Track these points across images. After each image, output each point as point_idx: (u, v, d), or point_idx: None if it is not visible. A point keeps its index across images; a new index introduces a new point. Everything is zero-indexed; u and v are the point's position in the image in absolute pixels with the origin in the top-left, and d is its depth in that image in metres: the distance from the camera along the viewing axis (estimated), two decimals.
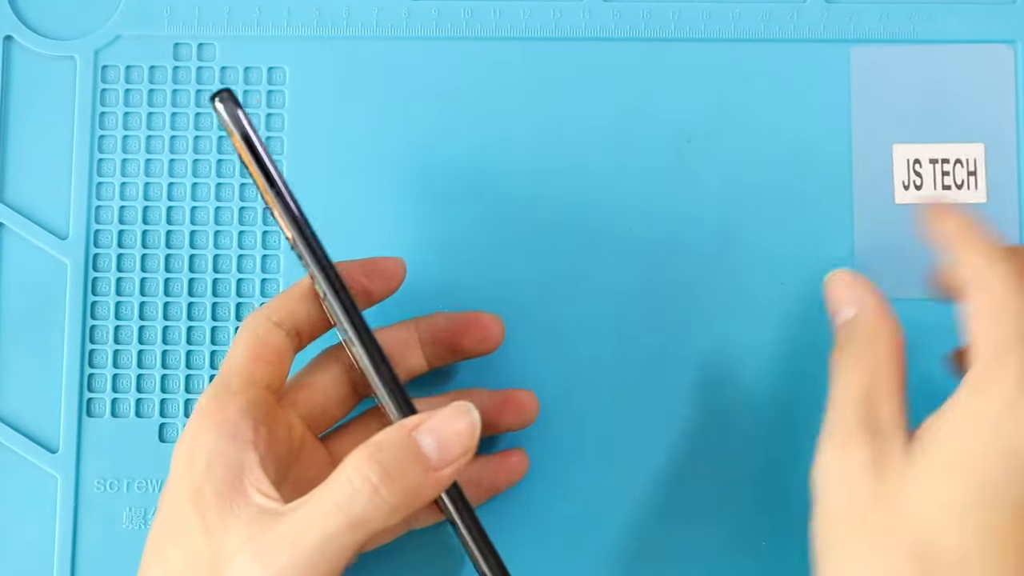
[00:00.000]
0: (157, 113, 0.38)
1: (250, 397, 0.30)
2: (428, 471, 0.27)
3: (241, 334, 0.31)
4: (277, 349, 0.31)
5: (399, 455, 0.26)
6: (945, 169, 0.34)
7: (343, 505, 0.26)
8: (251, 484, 0.28)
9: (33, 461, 0.36)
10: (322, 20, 0.38)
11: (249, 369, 0.30)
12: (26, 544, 0.36)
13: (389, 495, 0.26)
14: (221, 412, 0.29)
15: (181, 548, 0.28)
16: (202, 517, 0.27)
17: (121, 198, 0.37)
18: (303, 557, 0.26)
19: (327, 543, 0.26)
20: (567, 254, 0.37)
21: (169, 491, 0.29)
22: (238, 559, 0.26)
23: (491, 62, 0.38)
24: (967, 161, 0.34)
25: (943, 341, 0.34)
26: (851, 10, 0.38)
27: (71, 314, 0.37)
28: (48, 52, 0.38)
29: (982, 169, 0.33)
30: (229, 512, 0.27)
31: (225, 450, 0.28)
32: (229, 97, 0.29)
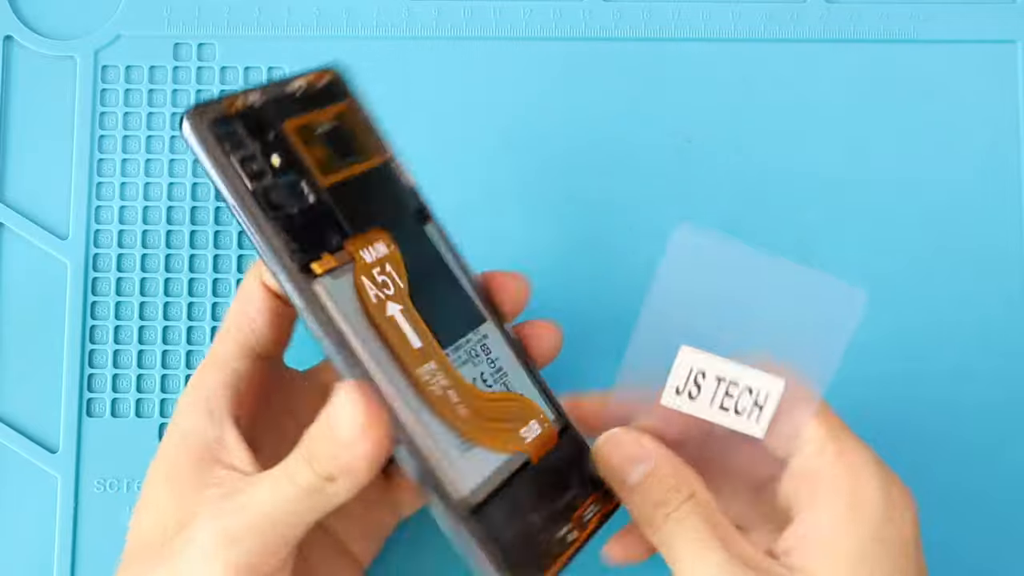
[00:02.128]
0: (157, 113, 0.38)
1: (235, 368, 0.30)
2: (345, 448, 0.26)
3: (240, 296, 0.30)
4: (274, 308, 0.30)
5: (316, 435, 0.26)
6: (730, 391, 0.28)
7: (290, 475, 0.26)
8: (224, 457, 0.28)
9: (33, 461, 0.36)
10: (322, 20, 0.38)
11: (241, 337, 0.30)
12: (26, 544, 0.36)
13: (319, 468, 0.26)
14: (200, 389, 0.29)
15: (154, 522, 0.28)
16: (176, 490, 0.28)
17: (121, 198, 0.37)
18: (255, 518, 0.26)
19: (276, 508, 0.26)
20: (567, 254, 0.37)
21: (152, 466, 0.30)
22: (198, 520, 0.27)
23: (491, 62, 0.38)
24: (758, 393, 0.28)
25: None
26: (851, 10, 0.38)
27: (71, 314, 0.37)
28: (48, 52, 0.38)
29: (772, 405, 0.28)
30: (201, 487, 0.28)
31: (199, 427, 0.29)
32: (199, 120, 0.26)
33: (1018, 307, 0.37)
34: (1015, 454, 0.36)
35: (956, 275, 0.37)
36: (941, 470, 0.36)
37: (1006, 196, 0.38)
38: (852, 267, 0.37)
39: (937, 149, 0.38)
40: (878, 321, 0.37)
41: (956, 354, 0.37)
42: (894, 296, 0.37)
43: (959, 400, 0.37)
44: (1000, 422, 0.37)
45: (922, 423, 0.37)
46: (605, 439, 0.29)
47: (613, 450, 0.28)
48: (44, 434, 0.36)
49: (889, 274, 0.37)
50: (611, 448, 0.29)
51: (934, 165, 0.38)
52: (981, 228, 0.37)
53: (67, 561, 0.36)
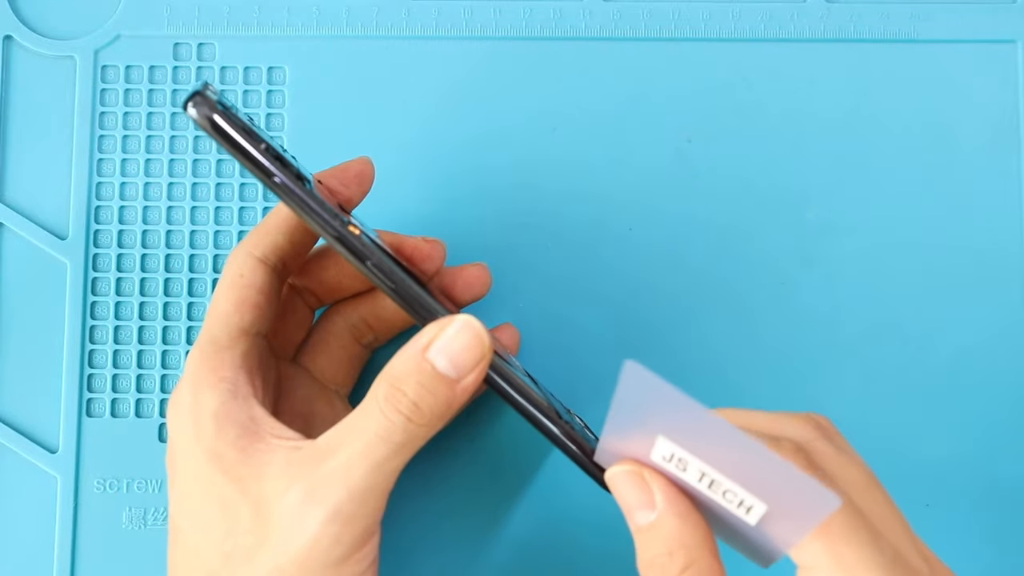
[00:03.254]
0: (157, 113, 0.38)
1: (241, 349, 0.30)
2: (451, 387, 0.27)
3: (225, 276, 0.30)
4: (263, 290, 0.30)
5: (421, 383, 0.27)
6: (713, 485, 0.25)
7: (384, 436, 0.26)
8: (268, 433, 0.28)
9: (33, 461, 0.36)
10: (322, 20, 0.38)
11: (236, 319, 0.30)
12: (26, 544, 0.36)
13: (422, 419, 0.27)
14: (216, 371, 0.29)
15: (214, 507, 0.28)
16: (229, 474, 0.27)
17: (121, 198, 0.37)
18: (359, 488, 0.26)
19: (377, 471, 0.27)
20: (567, 254, 0.37)
21: (181, 461, 0.29)
22: (288, 499, 0.27)
23: (491, 62, 0.38)
24: (743, 499, 0.25)
25: None
26: (851, 10, 0.38)
27: (71, 314, 0.37)
28: (48, 52, 0.38)
29: (757, 515, 0.24)
30: (259, 460, 0.27)
31: (230, 410, 0.28)
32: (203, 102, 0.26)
33: (1018, 307, 0.37)
34: (1015, 453, 0.36)
35: (956, 275, 0.37)
36: (941, 468, 0.36)
37: (1006, 196, 0.38)
38: (852, 267, 0.37)
39: (937, 149, 0.38)
40: (878, 321, 0.37)
41: (956, 354, 0.37)
42: (894, 296, 0.37)
43: (959, 399, 0.37)
44: (1000, 420, 0.37)
45: (922, 422, 0.37)
46: (616, 472, 0.27)
47: (621, 485, 0.27)
48: (44, 434, 0.36)
49: (889, 274, 0.37)
50: (619, 483, 0.27)
51: (934, 165, 0.38)
52: (981, 228, 0.37)
53: (67, 561, 0.36)
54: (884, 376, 0.37)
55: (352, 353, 0.34)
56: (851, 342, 0.37)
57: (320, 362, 0.33)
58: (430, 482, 0.36)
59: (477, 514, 0.36)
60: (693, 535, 0.26)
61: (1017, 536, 0.36)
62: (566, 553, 0.36)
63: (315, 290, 0.33)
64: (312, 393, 0.33)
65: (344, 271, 0.33)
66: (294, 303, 0.33)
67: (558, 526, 0.36)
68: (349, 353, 0.34)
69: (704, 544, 0.26)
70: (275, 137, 0.38)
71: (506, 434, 0.36)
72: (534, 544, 0.36)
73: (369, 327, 0.34)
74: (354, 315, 0.34)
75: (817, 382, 0.37)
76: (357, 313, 0.34)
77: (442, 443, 0.35)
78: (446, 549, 0.36)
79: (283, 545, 0.27)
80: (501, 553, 0.36)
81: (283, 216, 0.31)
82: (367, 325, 0.34)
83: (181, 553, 0.29)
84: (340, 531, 0.27)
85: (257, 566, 0.27)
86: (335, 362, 0.34)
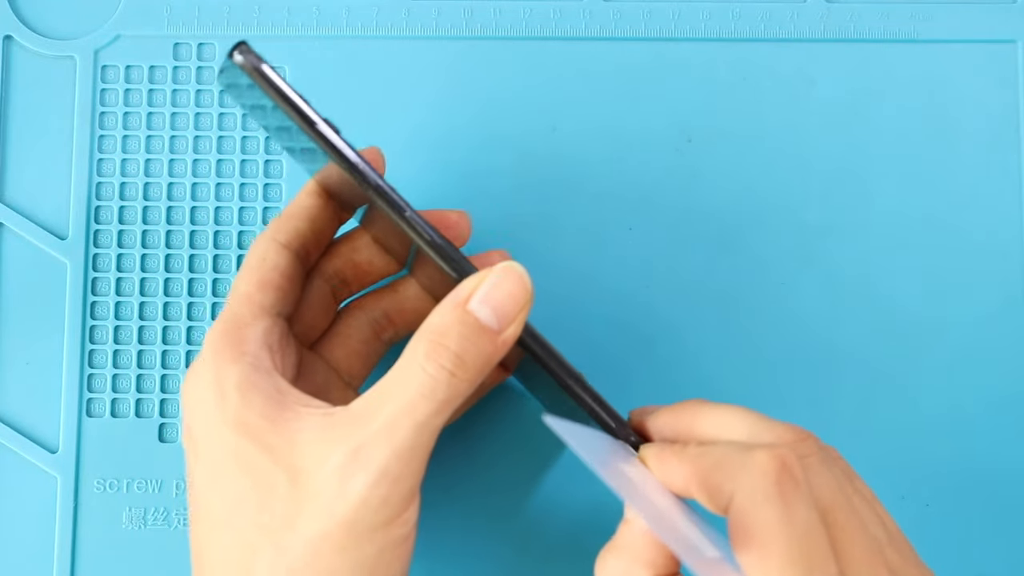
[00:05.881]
0: (157, 113, 0.38)
1: (263, 326, 0.29)
2: (493, 339, 0.27)
3: (248, 260, 0.30)
4: (286, 273, 0.30)
5: (463, 335, 0.27)
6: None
7: (427, 393, 0.26)
8: (294, 402, 0.28)
9: (33, 461, 0.36)
10: (322, 20, 0.38)
11: (258, 297, 0.30)
12: (26, 544, 0.36)
13: (465, 372, 0.27)
14: (239, 346, 0.29)
15: (245, 479, 0.27)
16: (259, 443, 0.27)
17: (121, 198, 0.37)
18: (404, 446, 0.26)
19: (422, 430, 0.27)
20: (567, 253, 0.37)
21: (204, 436, 0.28)
22: (330, 464, 0.26)
23: (491, 62, 0.38)
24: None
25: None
26: (851, 10, 0.38)
27: (71, 314, 0.37)
28: (48, 52, 0.38)
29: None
30: (289, 428, 0.27)
31: (256, 380, 0.28)
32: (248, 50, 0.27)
33: (1018, 306, 0.37)
34: (1015, 453, 0.36)
35: (956, 275, 0.37)
36: (940, 468, 0.36)
37: (1006, 196, 0.38)
38: (852, 267, 0.37)
39: (937, 149, 0.38)
40: (878, 321, 0.37)
41: (956, 353, 0.37)
42: (894, 296, 0.37)
43: (959, 398, 0.37)
44: (999, 420, 0.37)
45: (921, 421, 0.37)
46: (647, 450, 0.28)
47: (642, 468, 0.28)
48: (44, 434, 0.36)
49: (889, 274, 0.37)
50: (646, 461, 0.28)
51: (934, 165, 0.38)
52: (981, 228, 0.37)
53: (67, 561, 0.36)
54: (884, 376, 0.37)
55: (371, 348, 0.34)
56: (851, 342, 0.37)
57: (337, 353, 0.33)
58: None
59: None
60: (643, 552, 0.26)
61: (1017, 535, 0.36)
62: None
63: (345, 273, 0.33)
64: (328, 381, 0.33)
65: (375, 252, 0.33)
66: (321, 291, 0.33)
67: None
68: (368, 348, 0.34)
69: (644, 564, 0.26)
70: None
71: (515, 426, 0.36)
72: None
73: (391, 321, 0.34)
74: (377, 309, 0.34)
75: (817, 382, 0.37)
76: (380, 307, 0.34)
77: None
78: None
79: (328, 510, 0.26)
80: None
81: (305, 204, 0.31)
82: (388, 319, 0.34)
83: (209, 531, 0.28)
84: (388, 492, 0.26)
85: (299, 534, 0.27)
86: (352, 355, 0.34)
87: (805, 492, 0.25)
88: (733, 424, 0.28)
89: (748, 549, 0.24)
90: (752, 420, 0.28)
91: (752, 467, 0.25)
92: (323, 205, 0.31)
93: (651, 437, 0.30)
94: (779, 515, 0.24)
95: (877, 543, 0.26)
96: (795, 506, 0.24)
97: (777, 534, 0.24)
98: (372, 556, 0.27)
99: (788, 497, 0.24)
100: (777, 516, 0.24)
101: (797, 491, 0.24)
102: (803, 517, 0.24)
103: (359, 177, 0.28)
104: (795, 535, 0.24)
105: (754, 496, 0.24)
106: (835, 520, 0.25)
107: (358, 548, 0.27)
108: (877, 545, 0.26)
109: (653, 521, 0.24)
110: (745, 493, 0.25)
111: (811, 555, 0.24)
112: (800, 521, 0.24)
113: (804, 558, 0.24)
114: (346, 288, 0.34)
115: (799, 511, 0.24)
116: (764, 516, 0.24)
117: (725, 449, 0.26)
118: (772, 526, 0.24)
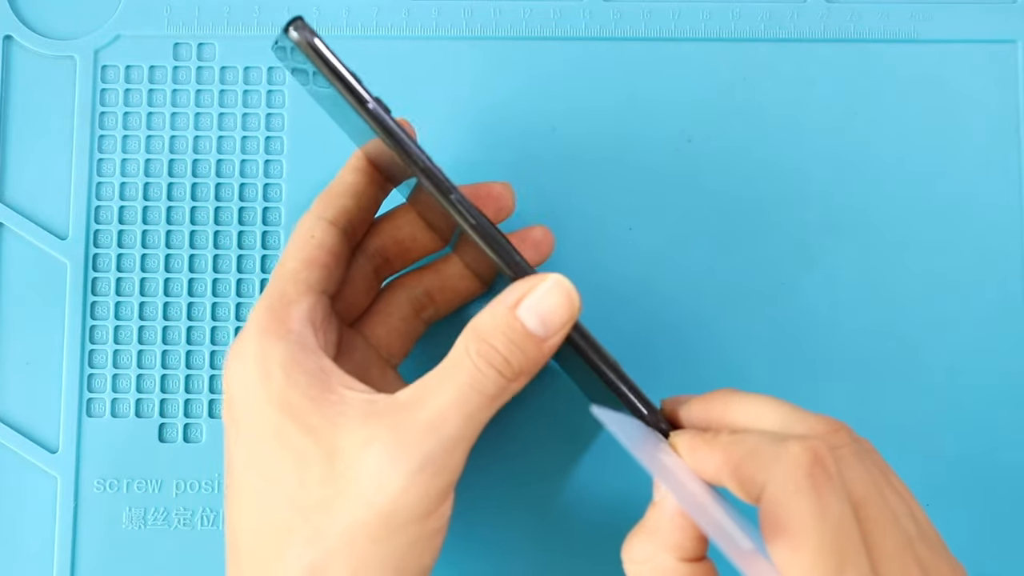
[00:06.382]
0: (157, 113, 0.38)
1: (308, 303, 0.29)
2: (539, 345, 0.28)
3: (295, 238, 0.31)
4: (333, 250, 0.31)
5: (512, 340, 0.27)
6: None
7: (478, 387, 0.27)
8: (338, 384, 0.28)
9: (33, 461, 0.36)
10: (321, 20, 0.38)
11: (304, 275, 0.30)
12: (26, 544, 0.36)
13: (512, 374, 0.27)
14: (284, 323, 0.29)
15: (285, 458, 0.27)
16: (301, 423, 0.27)
17: (121, 198, 0.37)
18: (451, 437, 0.27)
19: (469, 422, 0.27)
20: (567, 253, 0.37)
21: (246, 413, 0.28)
22: (372, 451, 0.27)
23: (491, 62, 0.38)
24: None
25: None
26: (851, 10, 0.38)
27: (71, 314, 0.37)
28: (48, 52, 0.38)
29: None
30: (332, 411, 0.27)
31: (300, 359, 0.28)
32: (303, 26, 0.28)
33: (1018, 306, 0.37)
34: (1015, 452, 0.36)
35: (956, 275, 0.37)
36: (940, 468, 0.36)
37: (1006, 195, 0.38)
38: (851, 266, 0.37)
39: (937, 149, 0.38)
40: (878, 321, 0.37)
41: (956, 353, 0.37)
42: (894, 296, 0.37)
43: (958, 398, 0.37)
44: (999, 419, 0.37)
45: (922, 422, 0.37)
46: (678, 437, 0.28)
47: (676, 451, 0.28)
48: (44, 434, 0.36)
49: (889, 274, 0.37)
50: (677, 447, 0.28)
51: (934, 165, 0.38)
52: (981, 228, 0.37)
53: (67, 561, 0.36)
54: (884, 376, 0.37)
55: (411, 326, 0.34)
56: (851, 342, 0.37)
57: (378, 331, 0.34)
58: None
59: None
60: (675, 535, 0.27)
61: (1017, 535, 0.36)
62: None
63: (388, 250, 0.33)
64: (367, 359, 0.33)
65: (418, 228, 0.33)
66: (364, 269, 0.33)
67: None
68: (408, 326, 0.34)
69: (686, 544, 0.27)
70: (275, 137, 0.38)
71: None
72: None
73: (431, 299, 0.34)
74: (418, 288, 0.34)
75: (817, 382, 0.37)
76: (421, 286, 0.34)
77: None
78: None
79: (365, 498, 0.26)
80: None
81: (349, 181, 0.32)
82: (429, 297, 0.34)
83: (247, 508, 0.28)
84: (429, 483, 0.26)
85: (336, 519, 0.27)
86: (393, 332, 0.34)
87: (838, 485, 0.25)
88: (765, 414, 0.28)
89: (779, 541, 0.24)
90: (785, 410, 0.28)
91: (785, 458, 0.25)
92: (367, 181, 0.32)
93: (682, 426, 0.30)
94: (812, 507, 0.24)
95: (908, 537, 0.26)
96: (828, 499, 0.24)
97: (809, 527, 0.24)
98: (404, 547, 0.27)
99: (821, 490, 0.24)
100: (810, 508, 0.24)
101: (830, 483, 0.24)
102: (836, 510, 0.24)
103: (409, 159, 0.28)
104: (827, 528, 0.24)
105: (787, 487, 0.24)
106: (867, 514, 0.25)
107: (392, 539, 0.27)
108: (907, 539, 0.26)
109: (691, 506, 0.25)
110: (778, 484, 0.25)
111: (843, 548, 0.24)
112: (833, 514, 0.24)
113: (836, 551, 0.24)
114: (388, 266, 0.34)
115: (832, 504, 0.24)
116: (797, 508, 0.24)
117: (758, 438, 0.26)
118: (805, 518, 0.24)
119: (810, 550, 0.24)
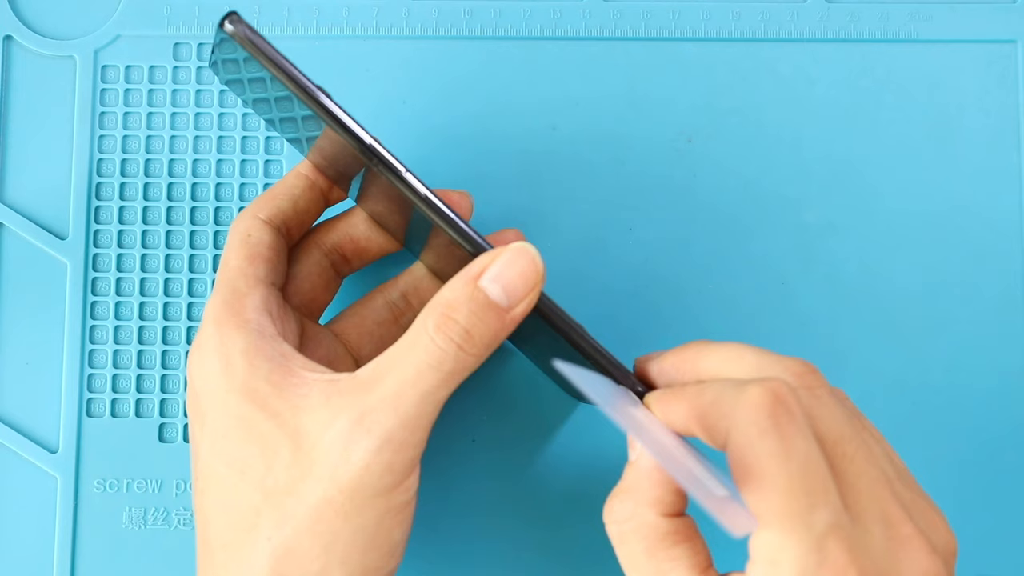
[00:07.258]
0: (157, 113, 0.38)
1: (262, 294, 0.30)
2: (501, 316, 0.27)
3: (232, 238, 0.31)
4: (272, 246, 0.31)
5: (473, 310, 0.27)
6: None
7: (435, 364, 0.27)
8: (299, 367, 0.28)
9: (33, 461, 0.36)
10: (322, 20, 0.38)
11: (251, 270, 0.30)
12: (26, 544, 0.36)
13: (472, 347, 0.27)
14: (240, 314, 0.29)
15: (251, 445, 0.28)
16: (265, 409, 0.28)
17: (121, 198, 0.37)
18: (409, 415, 0.27)
19: (427, 399, 0.27)
20: (567, 253, 0.37)
21: (211, 404, 0.29)
22: (334, 430, 0.27)
23: (491, 62, 0.38)
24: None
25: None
26: (851, 10, 0.38)
27: (71, 314, 0.37)
28: (48, 52, 0.38)
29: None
30: (295, 393, 0.28)
31: (260, 346, 0.28)
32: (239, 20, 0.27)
33: (1018, 306, 0.37)
34: (1015, 452, 0.37)
35: (956, 275, 0.37)
36: (940, 467, 0.36)
37: (1006, 196, 0.38)
38: (851, 266, 0.37)
39: (937, 149, 0.38)
40: (878, 320, 0.37)
41: (956, 354, 0.37)
42: (894, 296, 0.37)
43: (959, 398, 0.37)
44: (999, 419, 0.37)
45: (921, 421, 0.37)
46: (650, 398, 0.28)
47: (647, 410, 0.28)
48: (44, 434, 0.36)
49: (888, 274, 0.37)
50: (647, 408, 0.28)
51: (934, 165, 0.38)
52: (981, 228, 0.37)
53: (67, 561, 0.36)
54: (884, 376, 0.37)
55: (385, 330, 0.34)
56: (851, 341, 0.37)
57: (351, 333, 0.34)
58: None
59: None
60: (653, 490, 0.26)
61: (1017, 535, 0.36)
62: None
63: (344, 247, 0.33)
64: (333, 354, 0.33)
65: (373, 228, 0.33)
66: (321, 264, 0.33)
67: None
68: (383, 329, 0.34)
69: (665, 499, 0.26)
70: (275, 137, 0.38)
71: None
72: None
73: (409, 304, 0.34)
74: (394, 293, 0.34)
75: None
76: (397, 289, 0.34)
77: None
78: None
79: (330, 475, 0.27)
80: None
81: (289, 184, 0.32)
82: (407, 302, 0.34)
83: (215, 497, 0.29)
84: (391, 459, 0.27)
85: (302, 499, 0.27)
86: (365, 335, 0.34)
87: (802, 423, 0.24)
88: (737, 361, 0.27)
89: (748, 484, 0.24)
90: (756, 355, 0.27)
91: (745, 401, 0.24)
92: (307, 186, 0.32)
93: (656, 383, 0.29)
94: (775, 448, 0.24)
95: (886, 476, 0.25)
96: (792, 438, 0.24)
97: (775, 467, 0.23)
98: (373, 522, 0.27)
99: (784, 429, 0.24)
100: (774, 449, 0.24)
101: (793, 423, 0.24)
102: (801, 448, 0.24)
103: (351, 137, 0.28)
104: (794, 467, 0.23)
105: (749, 431, 0.24)
106: (844, 452, 0.25)
107: (360, 514, 0.27)
108: (886, 477, 0.25)
109: (664, 459, 0.24)
110: (740, 428, 0.24)
111: (812, 486, 0.23)
112: (798, 453, 0.24)
113: (804, 490, 0.23)
114: (347, 264, 0.34)
115: (797, 443, 0.24)
116: (761, 450, 0.24)
117: (722, 385, 0.26)
118: (769, 459, 0.24)
119: (778, 491, 0.23)
